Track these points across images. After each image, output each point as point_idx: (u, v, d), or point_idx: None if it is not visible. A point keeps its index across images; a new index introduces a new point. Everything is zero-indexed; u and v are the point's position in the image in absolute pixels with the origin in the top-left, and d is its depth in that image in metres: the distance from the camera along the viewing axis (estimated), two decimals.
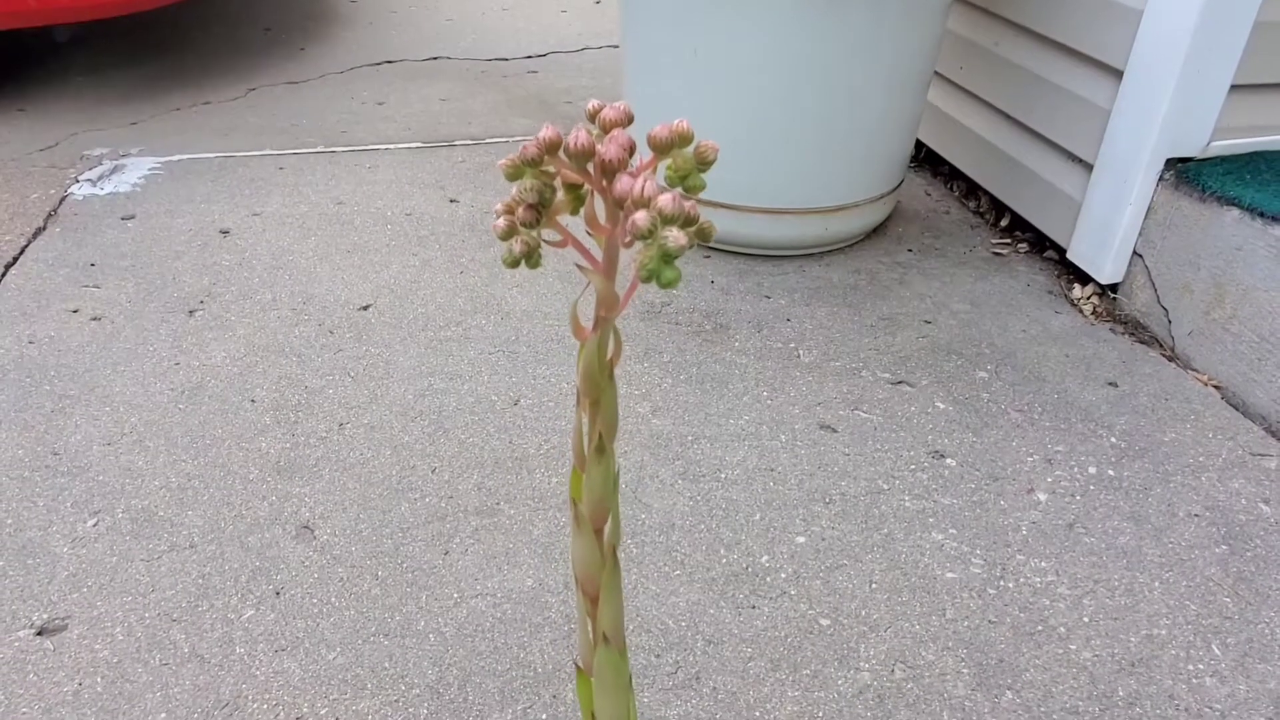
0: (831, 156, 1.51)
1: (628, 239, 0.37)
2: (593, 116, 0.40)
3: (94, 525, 1.05)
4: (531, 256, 0.40)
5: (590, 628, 0.46)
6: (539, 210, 0.39)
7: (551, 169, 0.39)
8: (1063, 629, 0.95)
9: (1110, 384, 1.33)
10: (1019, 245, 1.71)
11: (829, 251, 1.67)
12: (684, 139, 0.39)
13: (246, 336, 1.39)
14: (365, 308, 1.47)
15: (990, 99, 1.72)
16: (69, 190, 1.83)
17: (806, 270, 1.61)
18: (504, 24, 3.09)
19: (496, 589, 0.99)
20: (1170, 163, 1.38)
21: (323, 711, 0.86)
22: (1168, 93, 1.32)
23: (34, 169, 1.92)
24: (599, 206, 0.40)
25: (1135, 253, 1.44)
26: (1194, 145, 1.37)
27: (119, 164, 1.95)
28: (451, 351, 1.37)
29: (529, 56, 2.76)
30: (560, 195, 0.40)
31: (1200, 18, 1.26)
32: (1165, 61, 1.31)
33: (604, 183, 0.38)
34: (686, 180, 0.39)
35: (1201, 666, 0.91)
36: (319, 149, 2.05)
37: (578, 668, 0.46)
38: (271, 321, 1.43)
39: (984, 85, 1.74)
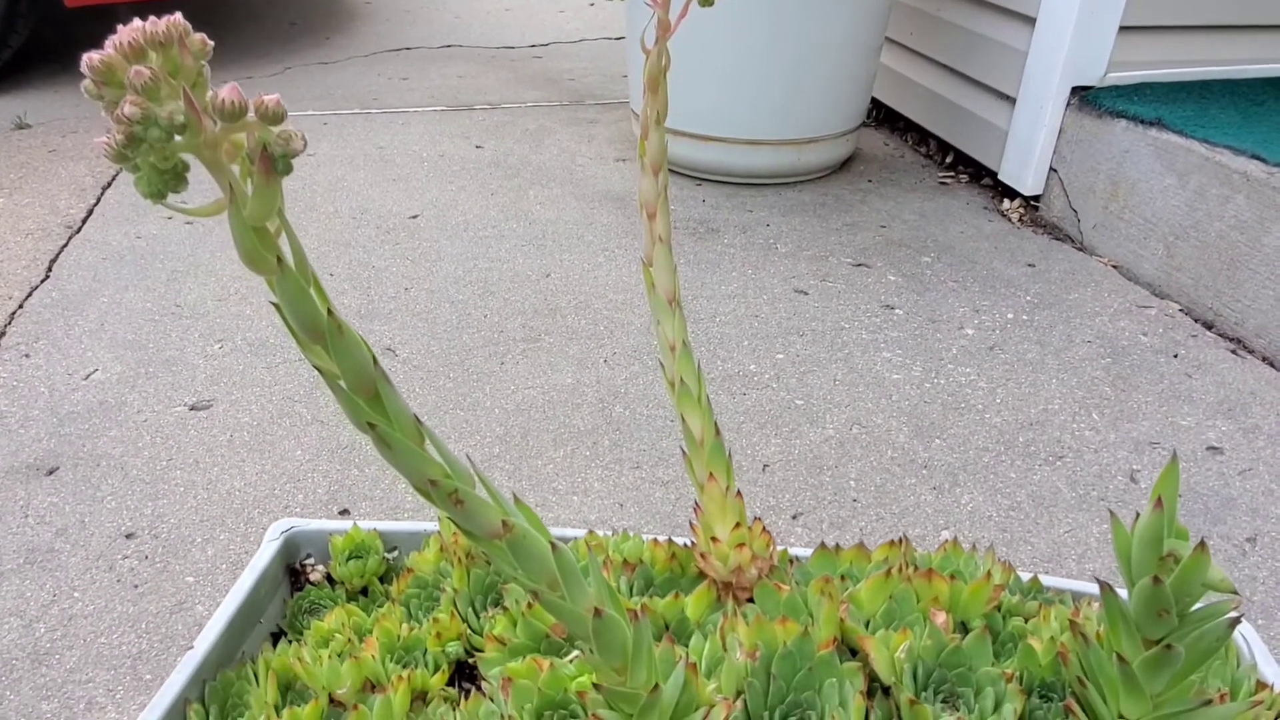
0: (802, 98, 1.82)
1: None
2: None
3: (219, 348, 1.32)
4: None
5: (650, 233, 0.74)
6: None
7: None
8: (980, 405, 1.24)
9: (1029, 265, 1.63)
10: (960, 177, 2.02)
11: (801, 181, 1.97)
12: None
13: (318, 234, 1.67)
14: (414, 217, 1.75)
15: (935, 55, 2.04)
16: None
17: (783, 194, 1.91)
18: (508, 20, 3.41)
19: (544, 384, 1.26)
20: (1075, 90, 1.69)
21: None
22: (1069, 33, 1.64)
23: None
24: None
25: (1051, 168, 1.75)
26: (1093, 76, 1.69)
27: None
28: (490, 244, 1.65)
29: (533, 45, 3.07)
30: None
31: None
32: (1066, 8, 1.63)
33: None
34: None
35: (1083, 424, 1.20)
36: (356, 110, 2.34)
37: (644, 262, 0.75)
38: (336, 225, 1.71)
39: (929, 45, 2.06)
